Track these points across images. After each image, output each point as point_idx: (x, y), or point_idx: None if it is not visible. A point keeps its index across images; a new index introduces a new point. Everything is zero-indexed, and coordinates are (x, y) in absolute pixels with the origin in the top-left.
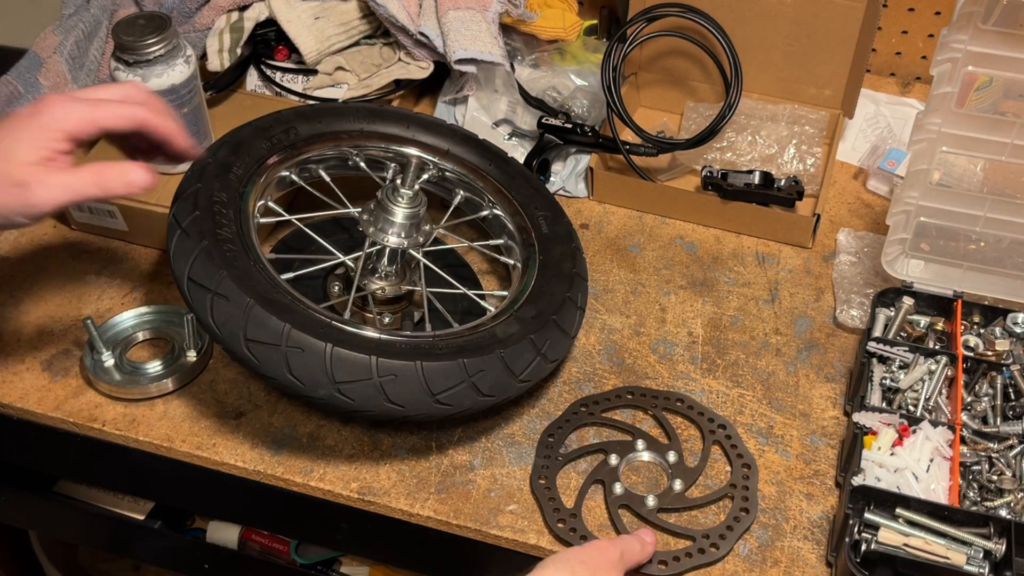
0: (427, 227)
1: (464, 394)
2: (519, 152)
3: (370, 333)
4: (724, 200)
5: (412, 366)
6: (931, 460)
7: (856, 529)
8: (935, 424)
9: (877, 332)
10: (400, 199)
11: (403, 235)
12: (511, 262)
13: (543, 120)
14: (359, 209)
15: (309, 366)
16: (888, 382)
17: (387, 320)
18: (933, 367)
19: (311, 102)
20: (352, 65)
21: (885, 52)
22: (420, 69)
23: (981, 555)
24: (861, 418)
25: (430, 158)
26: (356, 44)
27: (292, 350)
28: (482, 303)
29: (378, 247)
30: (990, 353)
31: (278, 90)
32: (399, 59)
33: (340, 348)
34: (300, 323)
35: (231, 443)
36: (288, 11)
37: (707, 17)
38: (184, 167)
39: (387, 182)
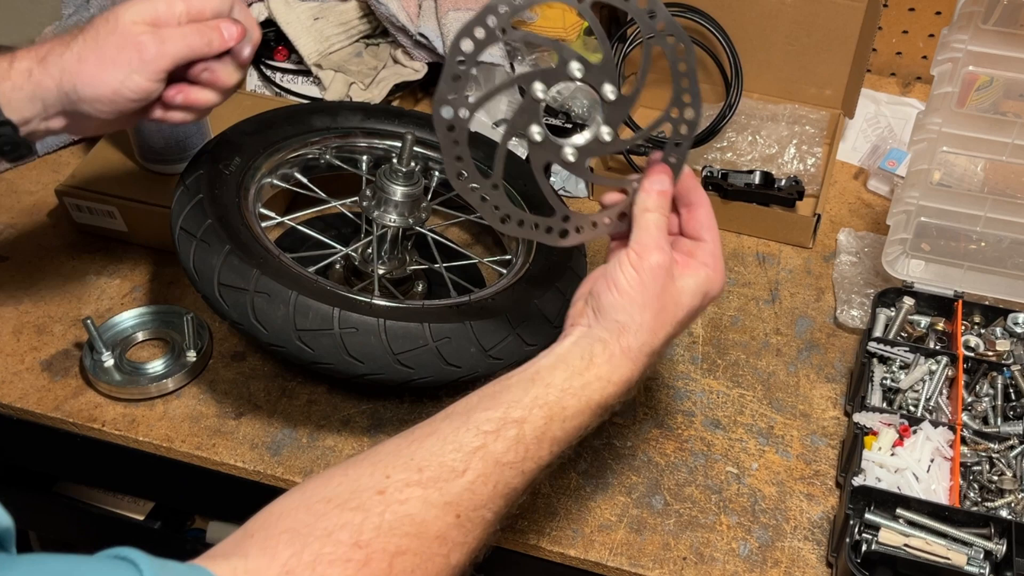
0: (424, 203)
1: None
2: (519, 152)
3: (411, 304)
4: (724, 200)
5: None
6: (931, 460)
7: (857, 529)
8: (936, 424)
9: (878, 332)
10: (398, 178)
11: (404, 214)
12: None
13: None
14: (354, 199)
15: (367, 343)
16: (889, 382)
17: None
18: (934, 367)
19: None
20: (351, 66)
21: (885, 52)
22: (414, 72)
23: (982, 555)
24: (862, 418)
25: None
26: (356, 44)
27: (346, 331)
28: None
29: (380, 232)
30: (991, 353)
31: (278, 90)
32: (395, 61)
33: (392, 321)
34: (347, 305)
35: (231, 443)
36: (287, 12)
37: (707, 17)
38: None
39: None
